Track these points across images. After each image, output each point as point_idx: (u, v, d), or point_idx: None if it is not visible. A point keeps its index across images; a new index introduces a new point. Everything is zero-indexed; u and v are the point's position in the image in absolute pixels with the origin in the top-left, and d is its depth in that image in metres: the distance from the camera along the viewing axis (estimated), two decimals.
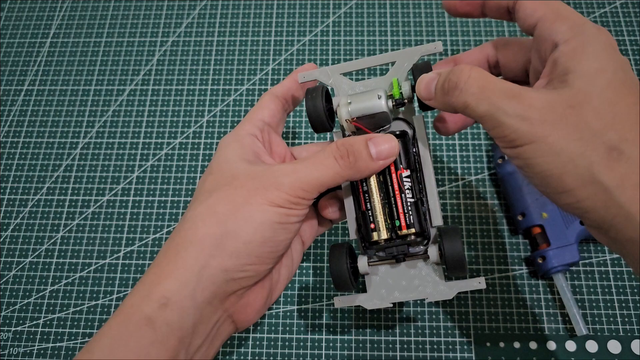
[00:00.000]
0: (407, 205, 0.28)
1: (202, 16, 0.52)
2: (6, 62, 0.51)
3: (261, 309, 0.28)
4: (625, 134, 0.21)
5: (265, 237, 0.25)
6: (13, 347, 0.40)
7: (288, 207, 0.26)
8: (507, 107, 0.23)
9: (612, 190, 0.21)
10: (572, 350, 0.37)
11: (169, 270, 0.25)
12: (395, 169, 0.28)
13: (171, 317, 0.24)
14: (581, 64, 0.23)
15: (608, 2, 0.49)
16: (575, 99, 0.22)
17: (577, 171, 0.22)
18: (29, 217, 0.44)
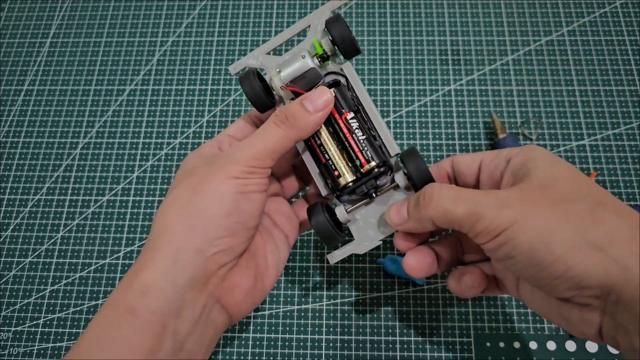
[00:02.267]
0: (360, 143, 0.29)
1: (202, 16, 0.52)
2: (6, 62, 0.51)
3: (250, 290, 0.29)
4: (601, 197, 0.23)
5: (228, 208, 0.26)
6: (13, 347, 0.40)
7: (244, 178, 0.27)
8: (485, 201, 0.24)
9: (605, 248, 0.21)
10: (572, 350, 0.37)
11: (146, 261, 0.26)
12: (339, 115, 0.29)
13: (153, 304, 0.24)
14: (537, 163, 0.25)
15: (608, 2, 0.49)
16: (544, 183, 0.24)
17: (564, 236, 0.22)
18: (29, 217, 0.44)
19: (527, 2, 0.50)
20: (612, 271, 0.21)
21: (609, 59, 0.47)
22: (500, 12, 0.50)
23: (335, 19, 0.29)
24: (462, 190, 0.25)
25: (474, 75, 0.47)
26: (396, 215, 0.28)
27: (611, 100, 0.45)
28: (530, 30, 0.49)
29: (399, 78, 0.48)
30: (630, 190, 0.42)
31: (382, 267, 0.40)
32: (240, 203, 0.27)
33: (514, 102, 0.46)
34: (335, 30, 0.29)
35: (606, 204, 0.23)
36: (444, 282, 0.40)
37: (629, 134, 0.44)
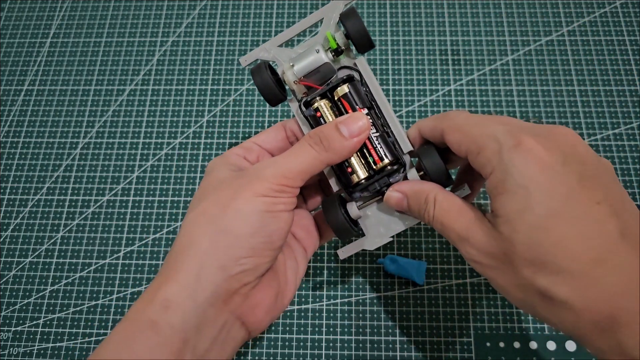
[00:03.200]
0: (373, 140, 0.29)
1: (202, 16, 0.52)
2: (6, 62, 0.51)
3: (270, 309, 0.28)
4: (555, 279, 0.21)
5: (255, 227, 0.26)
6: (13, 347, 0.40)
7: (273, 196, 0.26)
8: (462, 250, 0.25)
9: (558, 327, 0.22)
10: (572, 350, 0.37)
11: (169, 275, 0.25)
12: (353, 111, 0.29)
13: (173, 319, 0.24)
14: (503, 207, 0.23)
15: (608, 2, 0.49)
16: (507, 247, 0.23)
17: (526, 309, 0.23)
18: (29, 217, 0.44)
19: (527, 2, 0.50)
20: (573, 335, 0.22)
21: (609, 59, 0.47)
22: (500, 12, 0.50)
23: (350, 12, 0.29)
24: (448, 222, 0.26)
25: (474, 75, 0.47)
26: (397, 206, 0.29)
27: (611, 100, 0.45)
28: (530, 30, 0.49)
29: (399, 78, 0.48)
30: (630, 190, 0.42)
31: (382, 267, 0.40)
32: (268, 222, 0.26)
33: (514, 102, 0.46)
34: (350, 24, 0.28)
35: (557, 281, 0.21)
36: (444, 282, 0.40)
37: (629, 134, 0.44)
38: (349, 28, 0.29)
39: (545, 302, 0.22)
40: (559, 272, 0.21)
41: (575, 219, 0.21)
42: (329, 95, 0.30)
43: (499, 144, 0.24)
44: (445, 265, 0.40)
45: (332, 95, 0.29)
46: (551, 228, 0.21)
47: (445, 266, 0.40)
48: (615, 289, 0.20)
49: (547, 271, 0.21)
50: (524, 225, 0.22)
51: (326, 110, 0.29)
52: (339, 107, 0.29)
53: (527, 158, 0.22)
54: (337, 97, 0.29)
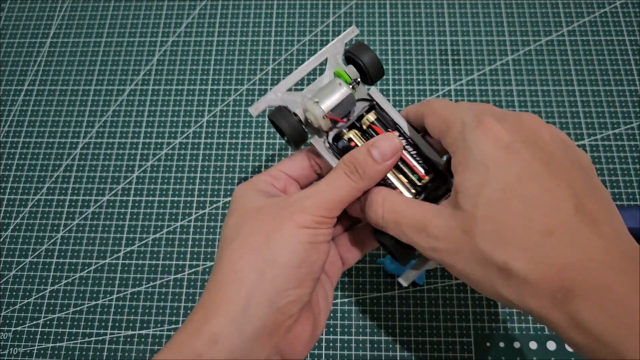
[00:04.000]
0: (414, 157, 0.29)
1: (202, 16, 0.52)
2: (6, 62, 0.51)
3: (309, 341, 0.28)
4: (512, 252, 0.21)
5: (300, 259, 0.26)
6: (13, 347, 0.40)
7: (315, 227, 0.26)
8: (419, 242, 0.25)
9: (517, 304, 0.22)
10: (572, 350, 0.37)
11: (215, 307, 0.25)
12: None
13: (220, 354, 0.24)
14: (464, 182, 0.24)
15: (608, 2, 0.49)
16: (466, 224, 0.23)
17: (486, 290, 0.23)
18: (29, 217, 0.44)
19: (527, 2, 0.50)
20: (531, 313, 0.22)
21: (609, 59, 0.47)
22: (500, 12, 0.50)
23: (361, 46, 0.30)
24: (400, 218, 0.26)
25: (474, 75, 0.47)
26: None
27: (611, 100, 0.45)
28: (530, 30, 0.49)
29: (399, 78, 0.48)
30: (630, 190, 0.42)
31: (382, 267, 0.40)
32: (311, 253, 0.26)
33: (514, 102, 0.46)
34: (365, 58, 0.30)
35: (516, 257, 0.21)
36: (444, 282, 0.40)
37: (629, 134, 0.44)
38: (365, 61, 0.30)
39: (504, 279, 0.22)
40: (515, 245, 0.21)
41: (530, 194, 0.22)
42: (357, 125, 0.30)
43: (463, 125, 0.25)
44: None
45: (359, 124, 0.30)
46: (507, 202, 0.22)
47: None
48: (568, 260, 0.20)
49: (504, 244, 0.22)
50: (483, 199, 0.22)
51: (360, 138, 0.30)
52: (370, 134, 0.30)
53: (487, 137, 0.23)
54: (366, 125, 0.30)
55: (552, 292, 0.20)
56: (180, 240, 0.43)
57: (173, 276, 0.41)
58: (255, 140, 0.46)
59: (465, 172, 0.24)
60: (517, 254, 0.21)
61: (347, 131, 0.30)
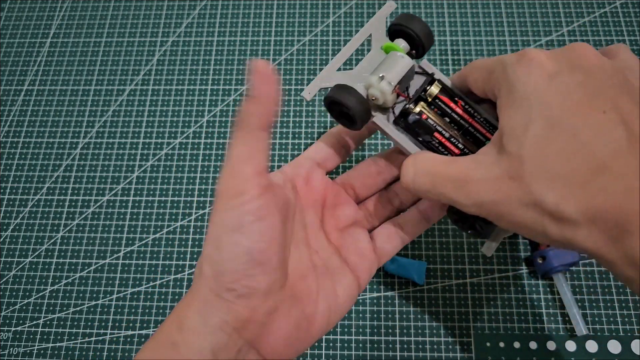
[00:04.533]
0: (483, 123, 0.28)
1: (202, 16, 0.52)
2: (6, 62, 0.51)
3: (289, 339, 0.26)
4: (563, 193, 0.20)
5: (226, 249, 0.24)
6: (13, 347, 0.40)
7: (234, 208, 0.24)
8: (461, 200, 0.23)
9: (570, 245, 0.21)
10: (572, 350, 0.37)
11: (189, 300, 0.25)
12: (455, 103, 0.28)
13: (189, 340, 0.24)
14: (508, 122, 0.22)
15: (608, 2, 0.49)
16: (513, 169, 0.21)
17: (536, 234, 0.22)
18: (29, 217, 0.44)
19: (527, 2, 0.50)
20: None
21: None
22: (500, 12, 0.50)
23: (409, 16, 0.29)
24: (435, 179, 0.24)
25: None
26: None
27: None
28: (530, 30, 0.49)
29: None
30: None
31: (382, 267, 0.40)
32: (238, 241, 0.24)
33: None
34: (417, 27, 0.28)
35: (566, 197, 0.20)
36: (444, 282, 0.40)
37: None
38: (418, 31, 0.28)
39: (556, 222, 0.20)
40: (566, 186, 0.20)
41: (576, 128, 0.20)
42: (422, 97, 0.29)
43: (504, 65, 0.23)
44: (445, 265, 0.40)
45: (424, 98, 0.29)
46: (555, 138, 0.20)
47: (445, 266, 0.40)
48: (620, 196, 0.19)
49: (554, 186, 0.20)
50: (529, 139, 0.21)
51: (429, 111, 0.28)
52: (437, 106, 0.29)
53: (529, 68, 0.22)
54: (432, 96, 0.28)
55: (607, 231, 0.19)
56: (180, 240, 0.43)
57: (173, 276, 0.41)
58: None
59: (508, 110, 0.22)
60: (569, 195, 0.20)
61: (413, 106, 0.28)
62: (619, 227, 0.19)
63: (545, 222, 0.21)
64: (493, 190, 0.22)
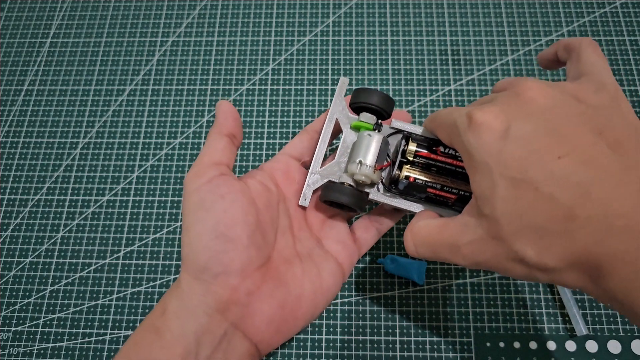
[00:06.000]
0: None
1: (202, 16, 0.52)
2: (6, 62, 0.51)
3: (273, 320, 0.27)
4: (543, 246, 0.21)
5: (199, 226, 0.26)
6: (13, 347, 0.40)
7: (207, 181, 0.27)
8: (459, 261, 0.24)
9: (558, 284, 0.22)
10: (572, 350, 0.37)
11: (171, 287, 0.27)
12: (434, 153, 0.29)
13: (172, 325, 0.25)
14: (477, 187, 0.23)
15: (608, 2, 0.49)
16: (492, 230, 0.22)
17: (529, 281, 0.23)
18: (29, 217, 0.44)
19: (527, 2, 0.50)
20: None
21: (609, 59, 0.47)
22: (500, 12, 0.50)
23: (363, 91, 0.31)
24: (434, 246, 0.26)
25: (474, 75, 0.47)
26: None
27: None
28: (530, 30, 0.49)
29: (399, 78, 0.48)
30: None
31: (382, 267, 0.40)
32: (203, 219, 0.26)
33: None
34: (374, 99, 0.30)
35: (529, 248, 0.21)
36: (444, 282, 0.40)
37: None
38: (375, 102, 0.30)
39: (542, 272, 0.21)
40: (541, 239, 0.21)
41: (537, 182, 0.20)
42: (402, 160, 0.30)
43: (457, 129, 0.24)
44: (445, 265, 0.40)
45: (405, 159, 0.30)
46: (520, 198, 0.21)
47: (445, 266, 0.40)
48: (590, 241, 0.19)
49: (531, 241, 0.21)
50: (498, 200, 0.21)
51: (414, 171, 0.30)
52: (418, 163, 0.30)
53: (479, 134, 0.22)
54: (412, 156, 0.29)
55: (587, 273, 0.20)
56: (180, 240, 0.43)
57: (173, 276, 0.41)
58: (255, 141, 0.46)
59: (474, 176, 0.23)
60: (546, 247, 0.20)
61: (399, 172, 0.29)
62: (596, 270, 0.20)
63: (534, 273, 0.22)
64: (481, 251, 0.23)
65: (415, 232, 0.27)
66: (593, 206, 0.19)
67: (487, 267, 0.23)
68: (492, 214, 0.22)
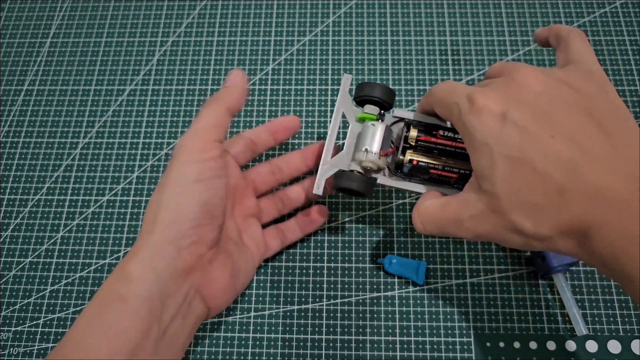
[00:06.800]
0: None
1: (202, 16, 0.52)
2: (6, 62, 0.51)
3: (227, 287, 0.31)
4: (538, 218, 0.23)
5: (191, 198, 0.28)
6: (13, 347, 0.40)
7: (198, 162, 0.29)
8: (463, 235, 0.27)
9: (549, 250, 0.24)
10: (572, 350, 0.37)
11: (131, 255, 0.28)
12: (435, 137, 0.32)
13: (138, 290, 0.26)
14: (477, 165, 0.25)
15: (608, 2, 0.49)
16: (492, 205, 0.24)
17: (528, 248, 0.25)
18: (29, 217, 0.44)
19: (527, 2, 0.50)
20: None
21: (609, 59, 0.47)
22: (500, 12, 0.50)
23: (366, 85, 0.33)
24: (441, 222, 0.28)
25: (474, 75, 0.47)
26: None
27: None
28: (530, 31, 0.49)
29: (399, 78, 0.48)
30: None
31: (382, 267, 0.41)
32: (201, 191, 0.28)
33: None
34: (376, 92, 0.33)
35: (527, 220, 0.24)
36: (444, 282, 0.40)
37: None
38: (378, 95, 0.33)
39: (537, 240, 0.23)
40: (537, 212, 0.23)
41: (533, 161, 0.23)
42: (405, 146, 0.32)
43: (459, 110, 0.26)
44: (445, 265, 0.40)
45: (408, 144, 0.32)
46: (519, 172, 0.23)
47: (445, 266, 0.40)
48: (579, 210, 0.22)
49: (528, 214, 0.23)
50: (497, 177, 0.23)
51: (417, 154, 0.32)
52: (422, 147, 0.32)
53: (480, 117, 0.24)
54: (414, 141, 0.32)
55: (575, 239, 0.22)
56: None
57: None
58: None
59: (474, 154, 0.25)
60: (541, 219, 0.23)
61: (402, 156, 0.32)
62: (583, 235, 0.22)
63: (530, 241, 0.24)
64: (482, 224, 0.25)
65: (421, 211, 0.29)
66: (582, 181, 0.22)
67: (488, 239, 0.25)
68: (491, 190, 0.24)
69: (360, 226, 0.42)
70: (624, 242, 0.20)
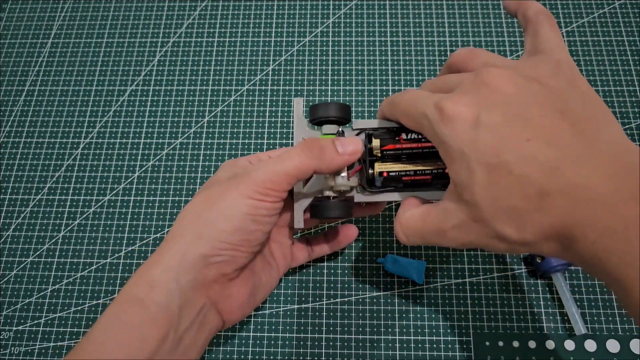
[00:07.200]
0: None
1: (202, 17, 0.52)
2: (8, 63, 0.51)
3: (244, 304, 0.31)
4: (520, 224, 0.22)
5: (236, 227, 0.28)
6: (14, 347, 0.40)
7: (258, 199, 0.28)
8: (447, 244, 0.26)
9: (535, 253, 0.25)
10: (571, 350, 0.37)
11: (156, 259, 0.28)
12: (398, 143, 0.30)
13: (159, 298, 0.26)
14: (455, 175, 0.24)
15: (607, 3, 0.50)
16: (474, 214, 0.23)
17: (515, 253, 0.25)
18: (31, 216, 0.44)
19: None
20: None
21: (608, 59, 0.47)
22: (501, 13, 0.50)
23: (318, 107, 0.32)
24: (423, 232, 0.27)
25: None
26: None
27: (610, 100, 0.46)
28: None
29: (398, 78, 0.48)
30: None
31: (382, 267, 0.41)
32: (248, 224, 0.28)
33: None
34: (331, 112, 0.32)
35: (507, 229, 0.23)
36: (444, 282, 0.40)
37: (628, 134, 0.44)
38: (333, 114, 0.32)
39: (521, 246, 0.23)
40: (518, 217, 0.22)
41: (510, 165, 0.22)
42: (372, 159, 0.31)
43: (429, 121, 0.25)
44: (445, 265, 0.41)
45: (373, 156, 0.31)
46: (496, 181, 0.22)
47: (445, 266, 0.40)
48: (561, 213, 0.21)
49: (509, 220, 0.22)
50: (476, 186, 0.23)
51: (385, 165, 0.31)
52: (387, 156, 0.31)
53: (452, 125, 0.24)
54: (378, 152, 0.31)
55: (559, 242, 0.22)
56: None
57: None
58: (255, 141, 0.46)
59: (452, 164, 0.24)
60: (523, 225, 0.22)
61: (372, 170, 0.31)
62: (566, 237, 0.21)
63: (515, 247, 0.23)
64: (466, 234, 0.24)
65: (402, 223, 0.28)
66: (561, 182, 0.21)
67: (473, 246, 0.25)
68: (472, 199, 0.23)
69: (360, 226, 0.42)
70: (605, 240, 0.20)
